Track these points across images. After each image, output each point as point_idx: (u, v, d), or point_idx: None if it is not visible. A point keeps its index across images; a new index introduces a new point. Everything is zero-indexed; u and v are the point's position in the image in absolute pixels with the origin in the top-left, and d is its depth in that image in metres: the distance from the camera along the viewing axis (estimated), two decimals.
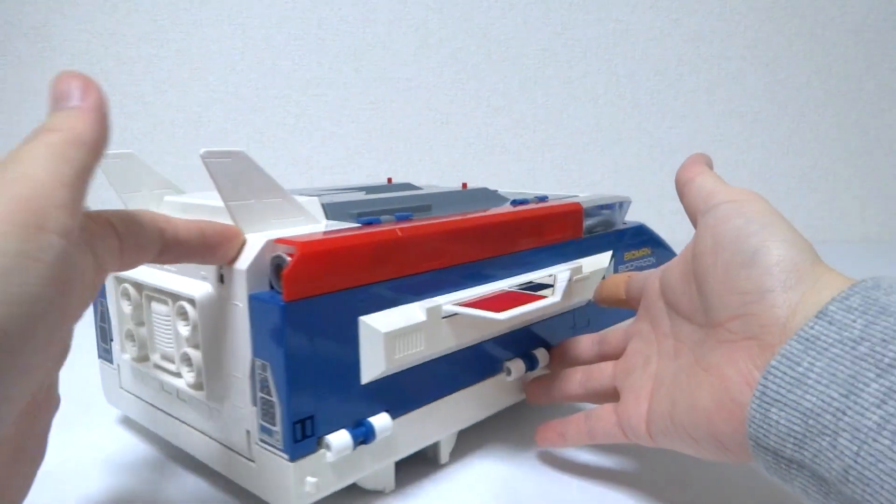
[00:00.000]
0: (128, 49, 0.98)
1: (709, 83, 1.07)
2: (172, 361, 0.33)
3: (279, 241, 0.29)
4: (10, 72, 0.97)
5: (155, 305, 0.33)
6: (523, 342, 0.39)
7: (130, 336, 0.36)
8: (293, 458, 0.28)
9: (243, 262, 0.29)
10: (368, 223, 0.33)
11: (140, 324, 0.35)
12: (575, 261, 0.43)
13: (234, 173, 0.29)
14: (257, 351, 0.29)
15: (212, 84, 1.00)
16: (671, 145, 1.09)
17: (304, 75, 1.01)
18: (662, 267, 0.34)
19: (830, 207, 1.13)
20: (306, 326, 0.28)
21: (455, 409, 0.36)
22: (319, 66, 1.01)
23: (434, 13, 1.01)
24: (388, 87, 1.03)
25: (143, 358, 0.36)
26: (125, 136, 1.00)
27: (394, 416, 0.32)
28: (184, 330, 0.31)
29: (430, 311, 0.32)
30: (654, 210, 1.10)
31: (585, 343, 0.40)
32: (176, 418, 0.35)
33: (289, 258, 0.28)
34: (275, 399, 0.28)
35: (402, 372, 0.32)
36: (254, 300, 0.28)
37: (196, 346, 0.31)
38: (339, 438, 0.29)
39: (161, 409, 0.36)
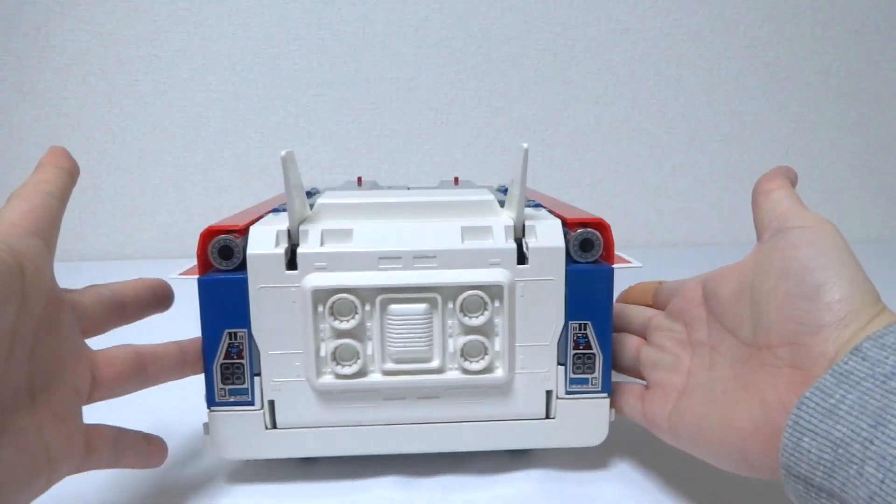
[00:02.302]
0: (128, 49, 0.98)
1: (709, 83, 1.07)
2: (425, 361, 0.34)
3: (573, 220, 0.34)
4: (10, 72, 0.97)
5: (398, 308, 0.33)
6: None
7: (341, 355, 0.34)
8: (609, 395, 0.35)
9: (555, 241, 0.34)
10: (538, 206, 0.40)
11: (356, 338, 0.33)
12: None
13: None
14: (574, 314, 0.34)
15: (212, 84, 1.00)
16: (671, 145, 1.09)
17: (304, 75, 1.01)
18: (705, 275, 0.35)
19: (830, 207, 1.13)
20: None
21: None
22: (319, 66, 1.01)
23: (434, 13, 1.01)
24: (388, 87, 1.03)
25: (356, 375, 0.34)
26: (125, 136, 1.00)
27: None
28: (473, 320, 0.33)
29: None
30: (654, 210, 1.10)
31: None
32: (411, 423, 0.35)
33: (598, 233, 0.34)
34: (596, 350, 0.34)
35: None
36: (575, 272, 0.34)
37: (487, 334, 0.34)
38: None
39: (380, 423, 0.35)
